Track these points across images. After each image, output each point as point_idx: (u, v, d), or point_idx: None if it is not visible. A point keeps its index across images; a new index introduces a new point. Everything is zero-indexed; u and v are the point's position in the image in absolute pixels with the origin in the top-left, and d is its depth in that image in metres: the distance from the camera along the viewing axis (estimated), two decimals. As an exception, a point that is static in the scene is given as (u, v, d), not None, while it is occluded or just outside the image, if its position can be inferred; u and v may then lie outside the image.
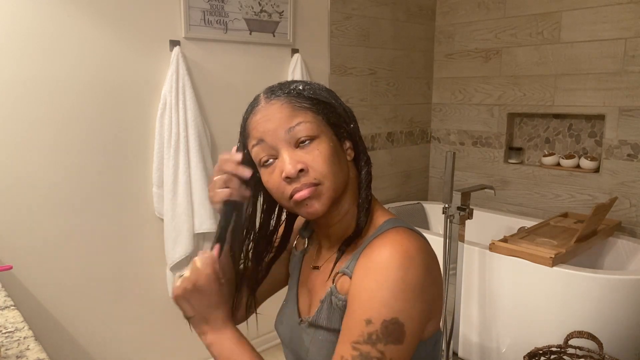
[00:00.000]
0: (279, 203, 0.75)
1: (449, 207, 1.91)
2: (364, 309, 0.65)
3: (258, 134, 0.72)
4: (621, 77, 2.28)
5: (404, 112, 2.89)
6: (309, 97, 0.73)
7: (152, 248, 1.92)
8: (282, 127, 0.70)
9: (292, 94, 0.73)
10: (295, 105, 0.72)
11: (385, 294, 0.64)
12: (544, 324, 1.89)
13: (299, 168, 0.69)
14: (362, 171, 0.78)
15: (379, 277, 0.66)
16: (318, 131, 0.72)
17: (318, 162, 0.70)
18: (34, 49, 1.57)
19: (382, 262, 0.66)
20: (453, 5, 2.89)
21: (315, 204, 0.71)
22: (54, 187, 1.67)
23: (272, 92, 0.73)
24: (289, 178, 0.70)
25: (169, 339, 2.03)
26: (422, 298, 0.66)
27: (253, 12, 2.06)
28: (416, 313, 0.66)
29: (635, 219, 2.31)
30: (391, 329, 0.64)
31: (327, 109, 0.74)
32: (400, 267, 0.65)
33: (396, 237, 0.70)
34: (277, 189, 0.72)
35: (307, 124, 0.71)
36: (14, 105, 1.56)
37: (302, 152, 0.70)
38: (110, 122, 1.76)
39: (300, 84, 0.75)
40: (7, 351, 0.88)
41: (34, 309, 1.68)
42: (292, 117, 0.71)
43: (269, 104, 0.72)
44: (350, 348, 0.65)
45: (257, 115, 0.73)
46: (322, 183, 0.70)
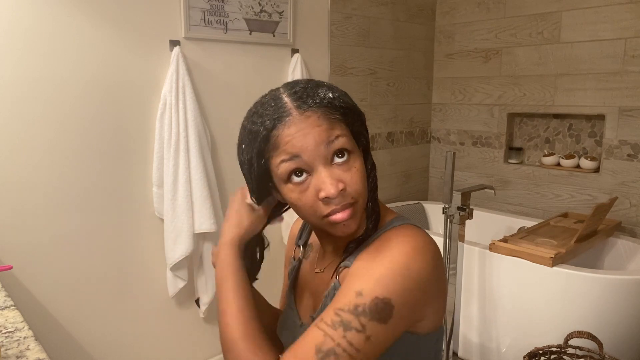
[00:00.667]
0: (302, 218, 0.73)
1: (449, 207, 1.91)
2: (358, 282, 0.65)
3: (294, 149, 0.66)
4: (621, 77, 2.28)
5: (404, 112, 2.89)
6: (340, 107, 0.69)
7: (152, 248, 1.92)
8: (322, 141, 0.66)
9: (324, 103, 0.68)
10: (330, 117, 0.67)
11: (385, 273, 0.64)
12: (544, 324, 1.89)
13: (341, 188, 0.66)
14: (370, 176, 0.75)
15: (384, 259, 0.65)
16: (352, 145, 0.69)
17: (356, 181, 0.68)
18: (34, 49, 1.57)
19: (389, 250, 0.67)
20: (453, 5, 2.89)
21: (352, 224, 0.69)
22: (54, 187, 1.67)
23: (303, 102, 0.67)
24: (328, 198, 0.66)
25: (169, 339, 2.03)
26: (421, 290, 0.66)
27: (253, 12, 2.06)
28: (412, 302, 0.65)
29: (635, 219, 2.31)
30: (381, 307, 0.63)
31: (354, 118, 0.71)
32: (406, 255, 0.65)
33: (405, 232, 0.70)
34: (309, 208, 0.68)
35: (344, 137, 0.68)
36: (14, 105, 1.56)
37: (340, 170, 0.67)
38: (110, 122, 1.76)
39: (328, 91, 0.70)
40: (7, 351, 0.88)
41: (34, 309, 1.68)
42: (329, 130, 0.67)
43: (304, 116, 0.66)
44: (332, 313, 0.64)
45: (290, 129, 0.66)
46: (357, 201, 0.69)
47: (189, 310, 2.07)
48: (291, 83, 0.73)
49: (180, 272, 1.91)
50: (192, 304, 2.06)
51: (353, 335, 0.62)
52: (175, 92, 1.82)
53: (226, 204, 2.07)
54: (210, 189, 1.91)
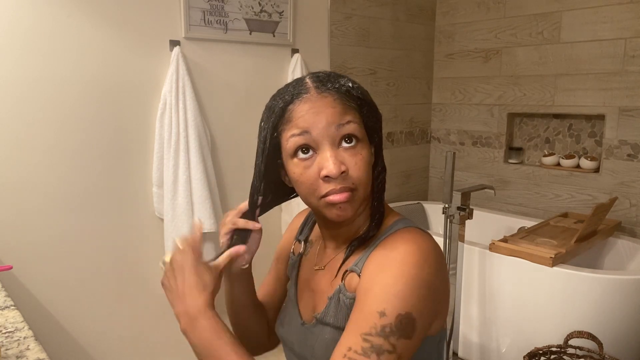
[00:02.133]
0: (301, 197, 0.74)
1: (449, 207, 1.91)
2: (378, 302, 0.64)
3: (305, 124, 0.68)
4: (621, 77, 2.28)
5: (404, 112, 2.89)
6: (357, 97, 0.71)
7: (152, 248, 1.92)
8: (333, 122, 0.68)
9: (342, 90, 0.71)
10: (346, 102, 0.70)
11: (402, 288, 0.64)
12: (544, 324, 1.89)
13: (343, 170, 0.68)
14: (378, 178, 0.77)
15: (396, 272, 0.65)
16: (362, 134, 0.71)
17: (359, 167, 0.69)
18: (34, 49, 1.57)
19: (398, 259, 0.67)
20: (453, 5, 2.89)
21: (348, 209, 0.70)
22: (54, 187, 1.67)
23: (323, 84, 0.70)
24: (329, 177, 0.68)
25: (169, 339, 2.03)
26: (432, 296, 0.67)
27: (253, 12, 2.06)
28: (427, 310, 0.66)
29: (635, 219, 2.31)
30: (405, 323, 0.63)
31: (370, 112, 0.73)
32: (416, 264, 0.66)
33: (410, 236, 0.70)
34: (310, 185, 0.70)
35: (355, 124, 0.70)
36: (14, 105, 1.56)
37: (346, 154, 0.69)
38: (110, 122, 1.76)
39: (349, 80, 0.73)
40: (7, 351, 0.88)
41: (34, 309, 1.68)
42: (343, 113, 0.69)
43: (321, 96, 0.69)
44: (360, 339, 0.63)
45: (305, 105, 0.69)
46: (357, 189, 0.70)
47: (189, 310, 2.06)
48: (318, 71, 0.75)
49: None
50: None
51: (387, 358, 0.62)
52: (175, 92, 1.82)
53: (226, 204, 2.08)
54: (210, 189, 1.91)
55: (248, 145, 2.14)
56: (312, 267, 0.85)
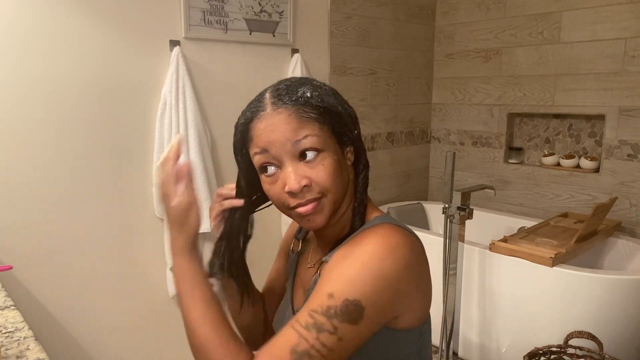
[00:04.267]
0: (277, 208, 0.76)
1: (449, 207, 1.91)
2: (330, 284, 0.66)
3: (262, 143, 0.70)
4: (621, 77, 2.28)
5: (404, 112, 2.89)
6: (317, 106, 0.71)
7: (152, 248, 1.92)
8: (288, 140, 0.69)
9: (300, 102, 0.70)
10: (302, 116, 0.70)
11: (355, 275, 0.65)
12: (544, 324, 1.89)
13: (304, 184, 0.69)
14: (360, 175, 0.78)
15: (354, 261, 0.67)
16: (323, 144, 0.70)
17: (322, 176, 0.70)
18: (34, 49, 1.57)
19: (361, 249, 0.68)
20: (453, 5, 2.89)
21: (317, 218, 0.72)
22: (54, 187, 1.67)
23: (279, 98, 0.70)
24: (292, 192, 0.70)
25: (169, 339, 2.03)
26: (392, 289, 0.67)
27: (253, 12, 2.06)
28: (381, 302, 0.66)
29: (635, 219, 2.31)
30: (351, 308, 0.64)
31: (334, 117, 0.72)
32: (377, 255, 0.67)
33: (380, 230, 0.71)
34: (278, 199, 0.72)
35: (314, 137, 0.69)
36: (14, 105, 1.56)
37: (306, 167, 0.70)
38: (110, 122, 1.76)
39: (308, 89, 0.72)
40: (7, 351, 0.88)
41: (34, 309, 1.68)
42: (298, 129, 0.69)
43: (276, 112, 0.70)
44: (307, 314, 0.65)
45: (262, 123, 0.70)
46: (325, 196, 0.71)
47: (189, 310, 2.06)
48: (282, 80, 0.76)
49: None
50: (192, 304, 2.06)
51: (326, 337, 0.64)
52: (175, 92, 1.82)
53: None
54: (210, 189, 1.91)
55: (248, 145, 2.13)
56: (306, 265, 0.87)
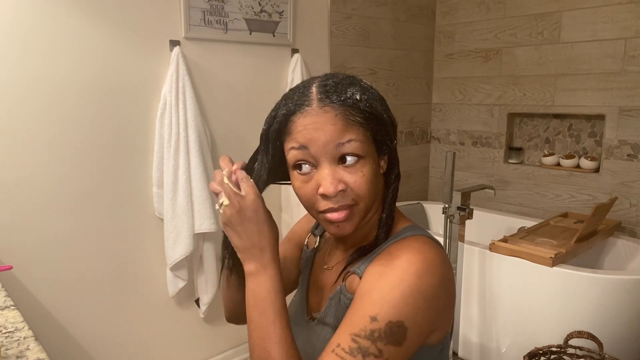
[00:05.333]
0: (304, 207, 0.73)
1: (449, 207, 1.91)
2: (372, 306, 0.64)
3: (303, 139, 0.67)
4: (621, 77, 2.28)
5: (404, 112, 2.89)
6: (364, 110, 0.68)
7: (152, 248, 1.92)
8: (332, 141, 0.66)
9: (348, 103, 0.67)
10: (349, 118, 0.67)
11: (397, 295, 0.64)
12: (544, 324, 1.89)
13: (340, 189, 0.67)
14: (391, 187, 0.75)
15: (394, 279, 0.65)
16: (365, 150, 0.68)
17: (360, 184, 0.67)
18: (34, 49, 1.57)
19: (399, 267, 0.66)
20: (453, 5, 2.89)
21: (347, 225, 0.70)
22: (54, 187, 1.67)
23: (327, 96, 0.67)
24: (326, 195, 0.67)
25: (169, 339, 2.03)
26: (431, 308, 0.66)
27: (253, 12, 2.06)
28: (422, 321, 0.65)
29: (635, 219, 2.31)
30: (395, 330, 0.63)
31: (378, 125, 0.70)
32: (416, 273, 0.65)
33: (416, 245, 0.69)
34: (308, 199, 0.70)
35: (358, 142, 0.67)
36: (14, 105, 1.56)
37: (345, 172, 0.67)
38: (110, 122, 1.76)
39: (357, 91, 0.69)
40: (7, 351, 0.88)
41: (34, 309, 1.68)
42: (343, 132, 0.66)
43: (323, 111, 0.67)
44: (349, 338, 0.63)
45: (306, 119, 0.67)
46: (358, 204, 0.69)
47: (189, 310, 2.07)
48: (328, 75, 0.73)
49: (180, 272, 1.91)
50: (192, 304, 2.06)
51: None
52: (175, 92, 1.82)
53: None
54: (210, 189, 1.91)
55: (248, 145, 2.13)
56: (323, 265, 0.86)
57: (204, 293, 1.99)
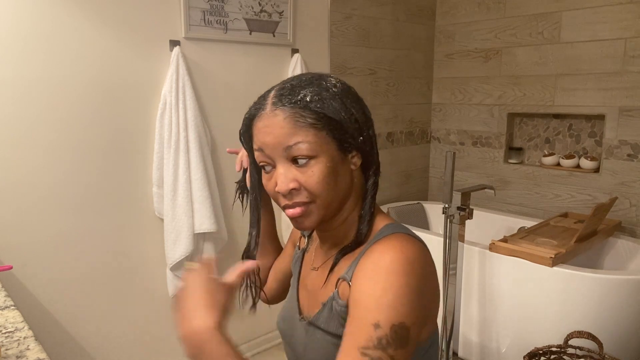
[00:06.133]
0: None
1: (449, 207, 1.91)
2: (371, 314, 0.64)
3: (259, 142, 0.72)
4: (621, 77, 2.28)
5: (404, 112, 2.89)
6: (314, 111, 0.69)
7: (152, 248, 1.92)
8: (280, 143, 0.69)
9: (299, 105, 0.69)
10: (298, 120, 0.68)
11: (392, 298, 0.64)
12: (544, 324, 1.89)
13: (291, 187, 0.70)
14: (369, 181, 0.77)
15: (384, 282, 0.65)
16: (317, 150, 0.69)
17: (311, 183, 0.69)
18: (34, 49, 1.57)
19: (385, 268, 0.66)
20: (453, 5, 2.89)
21: (305, 221, 0.73)
22: (54, 187, 1.67)
23: (280, 99, 0.70)
24: (279, 193, 0.71)
25: (169, 339, 2.03)
26: (421, 303, 0.67)
27: (253, 12, 2.06)
28: (418, 317, 0.66)
29: (635, 219, 2.31)
30: (400, 333, 0.63)
31: (332, 124, 0.70)
32: (402, 272, 0.65)
33: (397, 243, 0.70)
34: (273, 196, 0.75)
35: (306, 144, 0.68)
36: (14, 105, 1.56)
37: (297, 171, 0.70)
38: (110, 122, 1.76)
39: (311, 92, 0.70)
40: (7, 351, 0.88)
41: (34, 309, 1.68)
42: (291, 134, 0.68)
43: (273, 114, 0.69)
44: (358, 354, 0.62)
45: (260, 122, 0.71)
46: (314, 202, 0.71)
47: (189, 310, 2.06)
48: (294, 77, 0.75)
49: (180, 272, 1.91)
50: (192, 304, 2.06)
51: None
52: (175, 92, 1.82)
53: (226, 204, 2.08)
54: (210, 189, 1.91)
55: (248, 145, 2.13)
56: (310, 265, 0.87)
57: (204, 293, 1.99)
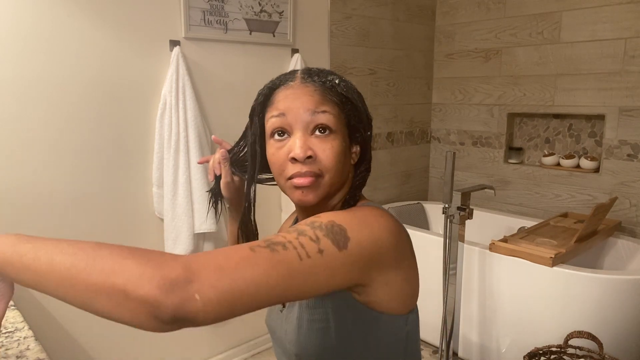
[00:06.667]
0: (274, 177, 0.77)
1: (449, 207, 1.91)
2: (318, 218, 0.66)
3: (282, 107, 0.73)
4: (621, 77, 2.28)
5: (404, 112, 2.89)
6: (341, 94, 0.75)
7: (152, 248, 1.91)
8: (307, 108, 0.72)
9: (327, 85, 0.74)
10: (326, 95, 0.73)
11: (342, 213, 0.68)
12: (544, 324, 1.89)
13: (308, 154, 0.71)
14: (359, 174, 0.80)
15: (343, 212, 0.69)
16: (337, 127, 0.73)
17: (327, 155, 0.72)
18: (34, 49, 1.57)
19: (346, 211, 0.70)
20: (453, 5, 2.89)
21: (311, 194, 0.72)
22: (54, 187, 1.67)
23: (310, 76, 0.75)
24: (295, 160, 0.71)
25: (169, 339, 2.03)
26: (375, 245, 0.66)
27: (253, 12, 2.06)
28: (364, 244, 0.65)
29: (635, 219, 2.31)
30: (336, 229, 0.63)
31: (353, 110, 0.76)
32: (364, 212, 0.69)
33: (365, 207, 0.73)
34: (279, 165, 0.73)
35: (331, 115, 0.72)
36: (14, 105, 1.56)
37: (316, 141, 0.72)
38: (110, 122, 1.76)
39: (337, 77, 0.76)
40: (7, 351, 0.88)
41: (34, 309, 1.68)
42: (320, 103, 0.72)
43: (303, 85, 0.74)
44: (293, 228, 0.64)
45: (287, 90, 0.74)
46: (323, 176, 0.72)
47: (189, 310, 2.06)
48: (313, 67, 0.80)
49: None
50: (192, 304, 2.06)
51: (305, 240, 0.60)
52: (175, 92, 1.82)
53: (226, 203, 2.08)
54: (210, 189, 1.91)
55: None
56: None
57: (204, 293, 1.99)
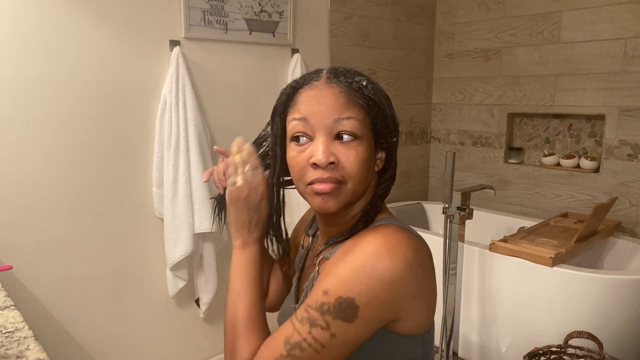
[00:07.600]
0: (293, 181, 0.75)
1: (449, 207, 1.91)
2: (327, 281, 0.66)
3: (305, 110, 0.70)
4: (621, 77, 2.28)
5: (404, 112, 2.89)
6: (368, 97, 0.71)
7: (152, 248, 1.92)
8: (331, 114, 0.68)
9: (354, 86, 0.71)
10: (352, 98, 0.70)
11: (350, 273, 0.65)
12: (544, 324, 1.89)
13: (331, 160, 0.68)
14: (383, 184, 0.77)
15: (352, 259, 0.66)
16: (363, 132, 0.70)
17: (351, 161, 0.69)
18: (34, 49, 1.57)
19: (359, 246, 0.67)
20: (453, 5, 2.89)
21: (332, 201, 0.70)
22: (54, 187, 1.67)
23: (336, 76, 0.71)
24: (316, 165, 0.68)
25: (169, 339, 2.03)
26: (388, 290, 0.64)
27: (253, 12, 2.06)
28: (377, 302, 0.64)
29: (635, 219, 2.31)
30: (344, 306, 0.64)
31: (379, 115, 0.72)
32: (374, 254, 0.65)
33: (382, 229, 0.70)
34: (300, 170, 0.71)
35: (356, 121, 0.69)
36: (14, 105, 1.56)
37: (339, 146, 0.69)
38: (110, 122, 1.76)
39: (365, 79, 0.73)
40: (7, 351, 0.88)
41: (34, 309, 1.68)
42: (344, 108, 0.69)
43: (328, 86, 0.70)
44: (303, 309, 0.66)
45: (311, 91, 0.71)
46: (346, 183, 0.70)
47: (189, 310, 2.07)
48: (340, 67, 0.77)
49: (180, 272, 1.91)
50: (192, 304, 2.06)
51: (318, 332, 0.64)
52: (175, 92, 1.82)
53: (226, 204, 2.08)
54: (211, 188, 1.91)
55: (248, 145, 2.13)
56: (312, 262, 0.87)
57: (204, 293, 1.99)
